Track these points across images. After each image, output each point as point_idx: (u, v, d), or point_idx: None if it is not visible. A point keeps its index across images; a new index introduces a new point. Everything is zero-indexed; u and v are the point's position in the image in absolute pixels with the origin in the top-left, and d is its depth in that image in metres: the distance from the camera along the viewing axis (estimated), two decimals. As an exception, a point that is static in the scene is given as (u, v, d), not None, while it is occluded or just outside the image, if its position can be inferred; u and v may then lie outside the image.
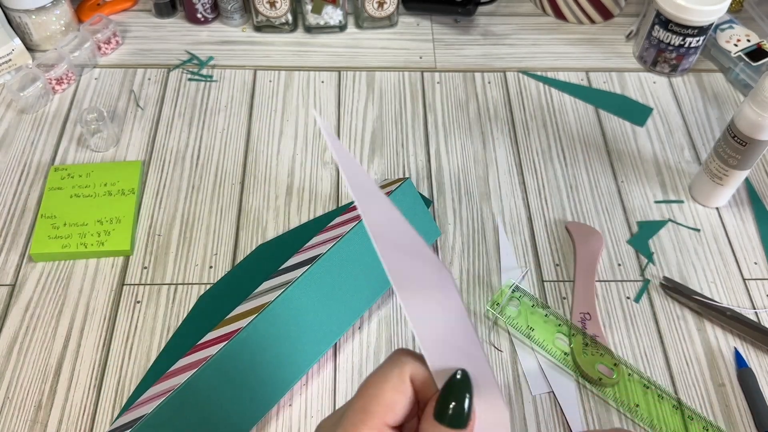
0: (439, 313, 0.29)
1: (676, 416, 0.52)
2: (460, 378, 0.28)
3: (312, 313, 0.51)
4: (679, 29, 0.73)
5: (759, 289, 0.60)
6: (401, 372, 0.28)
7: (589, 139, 0.72)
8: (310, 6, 0.78)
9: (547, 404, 0.53)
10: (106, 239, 0.60)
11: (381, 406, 0.28)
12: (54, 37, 0.76)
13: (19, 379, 0.53)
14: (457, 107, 0.74)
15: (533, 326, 0.56)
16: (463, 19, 0.83)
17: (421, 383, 0.29)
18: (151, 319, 0.57)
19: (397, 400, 0.28)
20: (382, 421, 0.28)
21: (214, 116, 0.72)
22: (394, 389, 0.28)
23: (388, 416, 0.28)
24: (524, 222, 0.64)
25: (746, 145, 0.58)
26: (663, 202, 0.66)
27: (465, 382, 0.28)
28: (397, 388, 0.28)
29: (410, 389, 0.29)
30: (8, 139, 0.69)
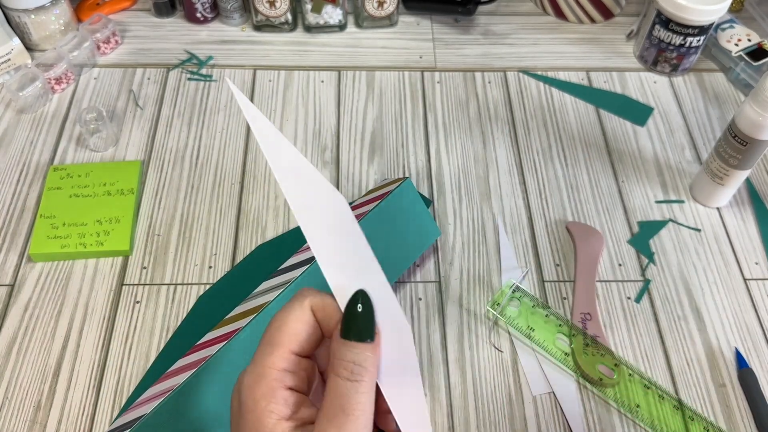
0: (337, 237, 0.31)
1: (676, 417, 0.52)
2: (360, 295, 0.30)
3: (312, 314, 0.51)
4: (680, 29, 0.73)
5: (760, 289, 0.60)
6: (302, 304, 0.30)
7: (589, 138, 0.71)
8: (310, 5, 0.78)
9: (548, 405, 0.53)
10: (106, 239, 0.60)
11: (285, 336, 0.30)
12: (53, 37, 0.76)
13: (18, 380, 0.53)
14: (458, 107, 0.74)
15: (534, 326, 0.56)
16: (464, 19, 0.83)
17: (324, 313, 0.31)
18: (150, 319, 0.57)
19: (300, 329, 0.30)
20: (288, 350, 0.30)
21: (214, 116, 0.72)
22: (297, 319, 0.30)
23: (293, 344, 0.30)
24: (525, 222, 0.64)
25: (747, 144, 0.58)
26: (664, 202, 0.66)
27: (364, 295, 0.30)
28: (299, 318, 0.30)
29: (312, 319, 0.31)
30: (7, 139, 0.69)
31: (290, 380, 0.30)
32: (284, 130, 0.71)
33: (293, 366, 0.30)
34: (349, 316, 0.30)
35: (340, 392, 0.29)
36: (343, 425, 0.28)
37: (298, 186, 0.31)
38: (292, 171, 0.31)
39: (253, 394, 0.29)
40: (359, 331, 0.29)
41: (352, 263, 0.31)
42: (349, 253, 0.31)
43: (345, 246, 0.31)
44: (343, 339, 0.29)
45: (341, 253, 0.31)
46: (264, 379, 0.29)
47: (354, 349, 0.29)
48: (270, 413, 0.29)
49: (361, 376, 0.29)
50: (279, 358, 0.30)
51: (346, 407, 0.28)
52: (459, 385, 0.54)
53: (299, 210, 0.31)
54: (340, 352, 0.29)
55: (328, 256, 0.31)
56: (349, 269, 0.31)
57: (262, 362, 0.30)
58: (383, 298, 0.31)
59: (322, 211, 0.31)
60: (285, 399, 0.29)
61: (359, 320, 0.30)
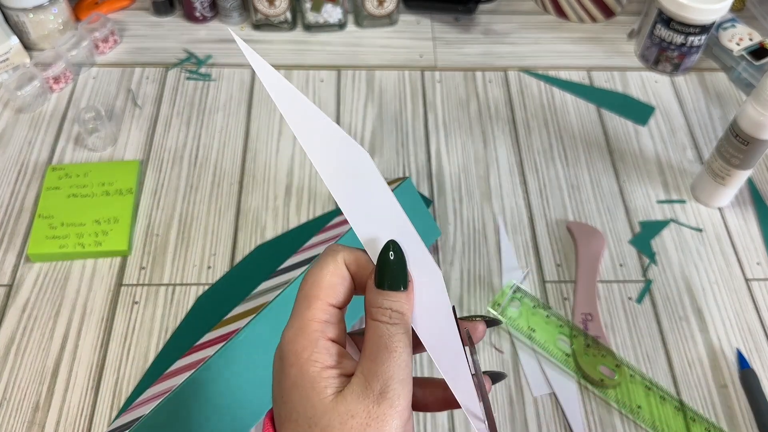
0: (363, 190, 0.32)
1: (678, 418, 0.52)
2: (391, 245, 0.31)
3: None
4: (681, 28, 0.72)
5: (761, 289, 0.60)
6: (335, 259, 0.31)
7: (590, 138, 0.71)
8: (310, 4, 0.77)
9: (549, 406, 0.53)
10: (104, 239, 0.60)
11: (322, 289, 0.30)
12: (52, 36, 0.75)
13: (16, 381, 0.53)
14: (458, 106, 0.73)
15: (534, 327, 0.56)
16: (464, 18, 0.83)
17: (356, 266, 0.31)
18: (149, 319, 0.56)
19: (336, 282, 0.31)
20: (326, 303, 0.30)
21: (213, 115, 0.72)
22: (332, 273, 0.31)
23: (330, 297, 0.30)
24: (525, 222, 0.64)
25: (749, 144, 0.58)
26: (665, 202, 0.66)
27: (395, 245, 0.31)
28: (333, 272, 0.31)
29: (346, 272, 0.31)
30: (5, 139, 0.69)
31: (331, 331, 0.30)
32: (284, 130, 0.70)
33: (332, 318, 0.31)
34: (382, 266, 0.31)
35: (380, 333, 0.30)
36: (386, 361, 0.29)
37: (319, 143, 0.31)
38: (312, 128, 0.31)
39: (294, 348, 0.30)
40: (393, 281, 0.30)
41: (380, 216, 0.32)
42: (375, 206, 0.32)
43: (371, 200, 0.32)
44: (377, 288, 0.30)
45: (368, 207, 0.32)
46: (304, 331, 0.30)
47: (390, 297, 0.30)
48: (314, 362, 0.29)
49: (399, 319, 0.30)
50: (318, 310, 0.30)
51: (389, 345, 0.29)
52: (459, 386, 0.53)
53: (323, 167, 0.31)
54: (376, 300, 0.30)
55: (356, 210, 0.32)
56: (377, 222, 0.32)
57: (301, 315, 0.30)
58: (413, 247, 0.31)
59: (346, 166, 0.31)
60: (327, 349, 0.30)
61: (392, 270, 0.31)
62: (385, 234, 0.31)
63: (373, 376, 0.29)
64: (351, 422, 0.28)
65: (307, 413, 0.29)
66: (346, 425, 0.28)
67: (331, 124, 0.31)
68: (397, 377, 0.29)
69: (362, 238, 0.32)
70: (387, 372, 0.29)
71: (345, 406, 0.29)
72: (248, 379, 0.48)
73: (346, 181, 0.31)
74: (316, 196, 0.65)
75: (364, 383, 0.29)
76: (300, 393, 0.29)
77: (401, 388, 0.29)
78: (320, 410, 0.29)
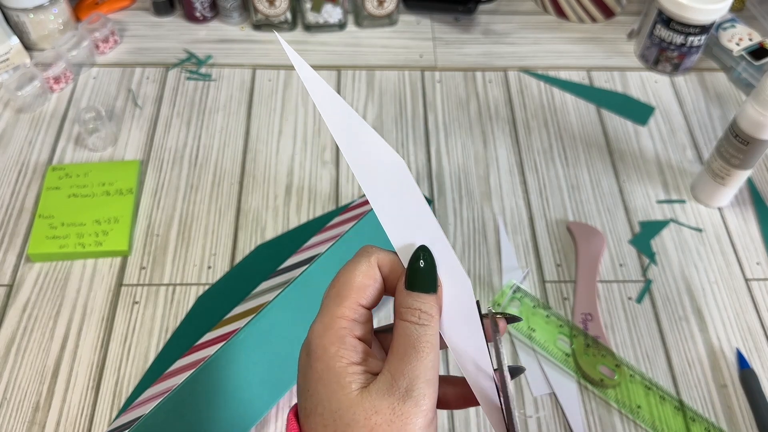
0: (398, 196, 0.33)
1: (678, 418, 0.52)
2: (422, 248, 0.32)
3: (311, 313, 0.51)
4: (681, 28, 0.72)
5: (761, 289, 0.60)
6: (368, 260, 0.32)
7: (590, 138, 0.71)
8: (310, 4, 0.77)
9: (549, 405, 0.53)
10: (104, 239, 0.60)
11: (353, 290, 0.31)
12: (52, 36, 0.75)
13: (16, 381, 0.53)
14: (458, 106, 0.73)
15: (534, 327, 0.56)
16: (464, 18, 0.83)
17: (389, 269, 0.32)
18: (149, 319, 0.56)
19: (368, 283, 0.31)
20: (356, 302, 0.31)
21: (213, 115, 0.72)
22: (364, 274, 0.31)
23: (360, 297, 0.31)
24: (525, 222, 0.64)
25: (748, 144, 0.58)
26: (665, 202, 0.66)
27: (426, 251, 0.32)
28: (366, 273, 0.31)
29: (378, 274, 0.32)
30: (6, 139, 0.69)
31: (358, 330, 0.31)
32: (284, 130, 0.70)
33: (361, 317, 0.31)
34: (413, 269, 0.31)
35: (409, 333, 0.30)
36: (413, 361, 0.30)
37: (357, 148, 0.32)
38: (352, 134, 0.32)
39: (322, 342, 0.30)
40: (423, 283, 0.31)
41: (413, 221, 0.33)
42: (409, 211, 0.33)
43: (405, 205, 0.33)
44: (408, 290, 0.31)
45: (401, 212, 0.33)
46: (332, 327, 0.30)
47: (419, 299, 0.31)
48: (340, 358, 0.30)
49: (428, 320, 0.31)
50: (347, 309, 0.31)
51: (417, 345, 0.30)
52: (459, 385, 0.53)
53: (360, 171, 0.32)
54: (406, 301, 0.31)
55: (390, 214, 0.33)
56: (409, 227, 0.33)
57: (330, 312, 0.31)
58: (443, 253, 0.32)
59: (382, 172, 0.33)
60: (354, 346, 0.30)
61: (422, 273, 0.31)
62: (417, 238, 0.32)
63: (399, 374, 0.29)
64: (375, 418, 0.29)
65: (332, 407, 0.29)
66: (370, 420, 0.29)
67: (370, 129, 0.32)
68: (424, 377, 0.30)
69: (395, 241, 0.32)
70: (414, 371, 0.29)
71: (370, 401, 0.29)
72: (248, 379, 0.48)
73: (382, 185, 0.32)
74: (316, 196, 0.65)
75: (391, 381, 0.29)
76: (326, 387, 0.30)
77: (427, 388, 0.30)
78: (345, 404, 0.29)
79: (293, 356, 0.50)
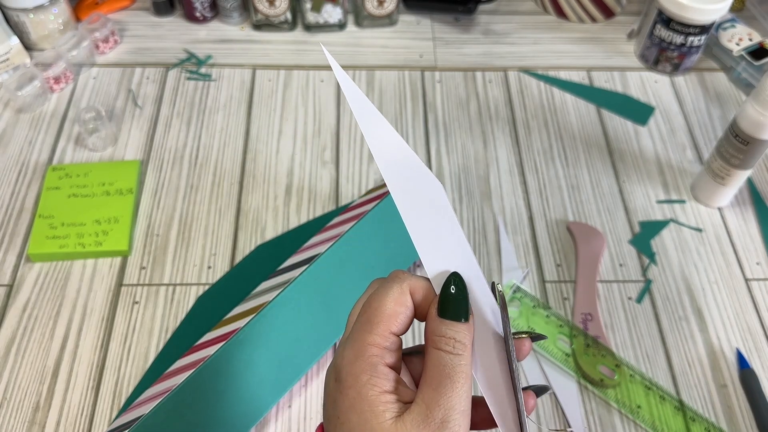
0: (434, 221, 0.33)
1: (678, 417, 0.52)
2: (455, 276, 0.31)
3: (311, 313, 0.51)
4: (681, 28, 0.72)
5: (761, 289, 0.60)
6: (401, 286, 0.31)
7: (590, 138, 0.71)
8: (310, 4, 0.77)
9: (549, 405, 0.53)
10: (104, 239, 0.60)
11: (384, 316, 0.31)
12: (52, 36, 0.75)
13: (16, 380, 0.53)
14: (458, 106, 0.73)
15: (534, 327, 0.56)
16: (464, 18, 0.83)
17: (421, 296, 0.32)
18: (149, 319, 0.56)
19: (399, 311, 0.31)
20: (387, 329, 0.30)
21: (213, 115, 0.72)
22: (395, 301, 0.31)
23: (392, 325, 0.31)
24: (525, 222, 0.64)
25: (748, 144, 0.58)
26: (665, 202, 0.66)
27: (459, 279, 0.31)
28: (397, 300, 0.31)
29: (410, 301, 0.31)
30: (6, 139, 0.69)
31: (390, 358, 0.31)
32: (284, 130, 0.71)
33: (392, 345, 0.31)
34: (446, 296, 0.31)
35: (443, 362, 0.30)
36: (449, 391, 0.29)
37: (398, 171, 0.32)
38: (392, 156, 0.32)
39: (353, 370, 0.30)
40: (456, 311, 0.31)
41: (447, 248, 0.32)
42: (444, 238, 0.33)
43: (441, 231, 0.33)
44: (440, 318, 0.31)
45: (437, 237, 0.32)
46: (363, 355, 0.30)
47: (452, 327, 0.30)
48: (372, 386, 0.30)
49: (462, 350, 0.30)
50: (378, 336, 0.30)
51: (452, 375, 0.30)
52: (459, 385, 0.53)
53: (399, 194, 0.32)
54: (439, 329, 0.31)
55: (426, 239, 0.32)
56: (444, 253, 0.32)
57: (362, 339, 0.30)
58: (476, 283, 0.32)
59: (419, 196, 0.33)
60: (386, 374, 0.30)
61: (456, 301, 0.31)
62: (451, 266, 0.32)
63: (435, 404, 0.29)
64: None
65: None
66: None
67: (411, 152, 0.32)
68: (459, 408, 0.29)
69: (428, 266, 0.32)
70: (449, 402, 0.29)
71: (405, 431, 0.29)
72: (248, 379, 0.48)
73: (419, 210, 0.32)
74: (316, 196, 0.65)
75: (426, 411, 0.29)
76: (359, 415, 0.29)
77: (462, 419, 0.29)
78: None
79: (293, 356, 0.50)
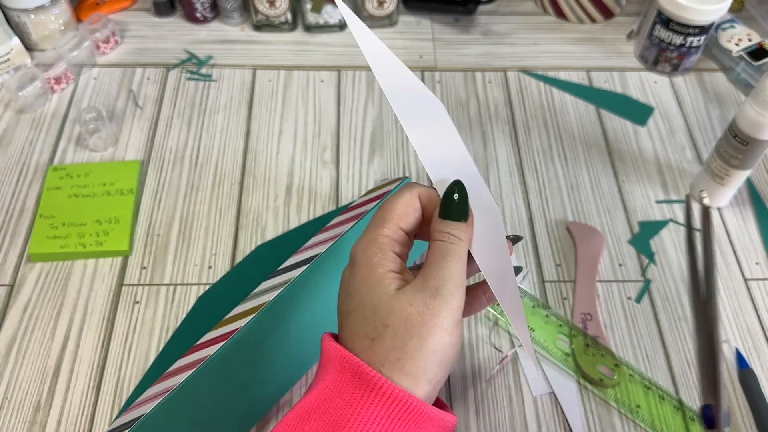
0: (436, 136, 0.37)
1: (677, 417, 0.52)
2: (456, 182, 0.36)
3: (311, 313, 0.51)
4: (681, 28, 0.73)
5: (760, 289, 0.60)
6: (412, 192, 0.37)
7: (590, 138, 0.71)
8: (310, 5, 0.77)
9: (548, 405, 0.53)
10: (105, 239, 0.60)
11: (395, 214, 0.36)
12: (53, 37, 0.76)
13: (17, 380, 0.53)
14: (458, 106, 0.74)
15: (534, 327, 0.56)
16: (464, 18, 0.83)
17: (427, 201, 0.37)
18: (149, 319, 0.57)
19: (408, 212, 0.36)
20: (397, 225, 0.36)
21: (213, 116, 0.72)
22: (405, 203, 0.36)
23: (401, 221, 0.36)
24: (525, 222, 0.64)
25: (747, 144, 0.58)
26: (664, 202, 0.66)
27: (460, 185, 0.36)
28: (407, 202, 0.36)
29: (418, 204, 0.37)
30: (7, 139, 0.69)
31: (398, 248, 0.36)
32: (284, 130, 0.71)
33: (400, 238, 0.36)
34: (447, 201, 0.36)
35: (440, 248, 0.35)
36: (443, 267, 0.35)
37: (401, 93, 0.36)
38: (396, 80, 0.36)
39: (365, 254, 0.36)
40: (455, 213, 0.36)
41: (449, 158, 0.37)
42: (446, 149, 0.37)
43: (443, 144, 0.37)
44: (442, 219, 0.36)
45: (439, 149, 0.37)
46: (375, 242, 0.35)
47: (451, 226, 0.36)
48: (382, 265, 0.35)
49: (456, 241, 0.35)
50: (389, 229, 0.36)
51: (446, 255, 0.35)
52: (459, 386, 0.54)
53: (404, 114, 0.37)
54: (439, 227, 0.36)
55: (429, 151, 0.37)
56: (446, 163, 0.37)
57: (374, 231, 0.36)
58: (476, 187, 0.37)
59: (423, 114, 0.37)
60: (393, 258, 0.36)
61: (455, 204, 0.36)
62: (452, 174, 0.36)
63: (430, 276, 0.34)
64: (409, 309, 0.34)
65: (372, 302, 0.34)
66: (405, 311, 0.34)
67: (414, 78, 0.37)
68: (452, 280, 0.34)
69: (432, 175, 0.37)
70: (443, 275, 0.34)
71: (406, 296, 0.34)
72: (248, 378, 0.48)
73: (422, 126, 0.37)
74: (317, 196, 0.65)
75: (423, 281, 0.34)
76: (368, 288, 0.35)
77: (455, 288, 0.34)
78: (384, 299, 0.34)
79: (294, 355, 0.51)
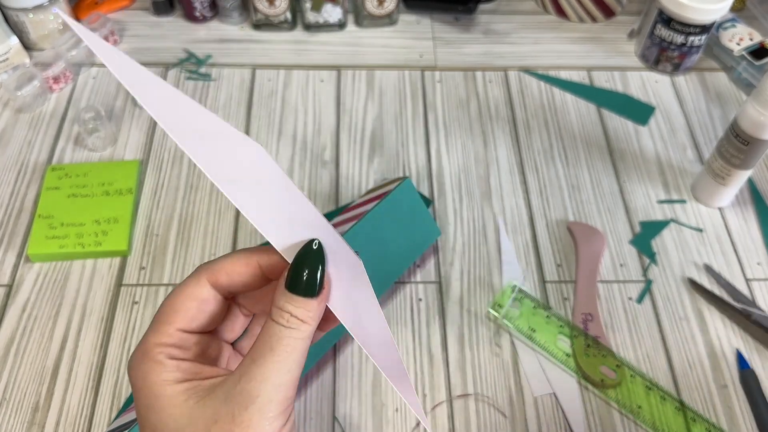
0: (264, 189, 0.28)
1: (678, 418, 0.52)
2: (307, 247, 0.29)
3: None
4: (682, 28, 0.72)
5: (762, 289, 0.60)
6: (198, 281, 0.30)
7: (591, 138, 0.71)
8: (310, 4, 0.77)
9: (549, 406, 0.53)
10: (104, 239, 0.60)
11: (170, 315, 0.29)
12: (51, 36, 0.75)
13: (16, 381, 0.53)
14: (458, 106, 0.73)
15: (535, 327, 0.56)
16: (464, 17, 0.83)
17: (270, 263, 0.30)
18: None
19: (190, 306, 0.29)
20: (174, 327, 0.29)
21: (213, 115, 0.71)
22: (187, 297, 0.29)
23: (181, 322, 0.29)
24: (525, 222, 0.64)
25: (749, 144, 0.58)
26: (665, 202, 0.66)
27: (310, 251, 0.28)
28: (190, 295, 0.29)
29: (208, 292, 0.30)
30: (5, 139, 0.68)
31: (178, 354, 0.29)
32: (284, 130, 0.70)
33: (181, 342, 0.29)
34: (296, 270, 0.28)
35: (270, 334, 0.28)
36: (265, 363, 0.27)
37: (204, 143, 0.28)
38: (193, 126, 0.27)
39: (138, 373, 0.29)
40: (303, 287, 0.28)
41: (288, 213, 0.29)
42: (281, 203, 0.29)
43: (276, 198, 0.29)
44: (286, 290, 0.28)
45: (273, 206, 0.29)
46: (148, 355, 0.29)
47: (295, 303, 0.28)
48: (162, 384, 0.28)
49: (297, 325, 0.28)
50: (164, 335, 0.29)
51: (274, 347, 0.27)
52: (459, 386, 0.53)
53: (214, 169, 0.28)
54: (280, 302, 0.28)
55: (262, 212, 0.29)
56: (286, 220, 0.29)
57: (146, 340, 0.29)
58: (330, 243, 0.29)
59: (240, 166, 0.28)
60: (177, 365, 0.29)
61: (305, 276, 0.28)
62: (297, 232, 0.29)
63: (246, 376, 0.27)
64: (214, 428, 0.26)
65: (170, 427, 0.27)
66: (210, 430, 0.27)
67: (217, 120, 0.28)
68: (273, 381, 0.27)
69: (274, 240, 0.29)
70: (263, 374, 0.27)
71: (211, 409, 0.27)
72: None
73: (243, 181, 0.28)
74: (316, 196, 0.65)
75: (235, 384, 0.27)
76: (156, 414, 0.28)
77: (275, 393, 0.27)
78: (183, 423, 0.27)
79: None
